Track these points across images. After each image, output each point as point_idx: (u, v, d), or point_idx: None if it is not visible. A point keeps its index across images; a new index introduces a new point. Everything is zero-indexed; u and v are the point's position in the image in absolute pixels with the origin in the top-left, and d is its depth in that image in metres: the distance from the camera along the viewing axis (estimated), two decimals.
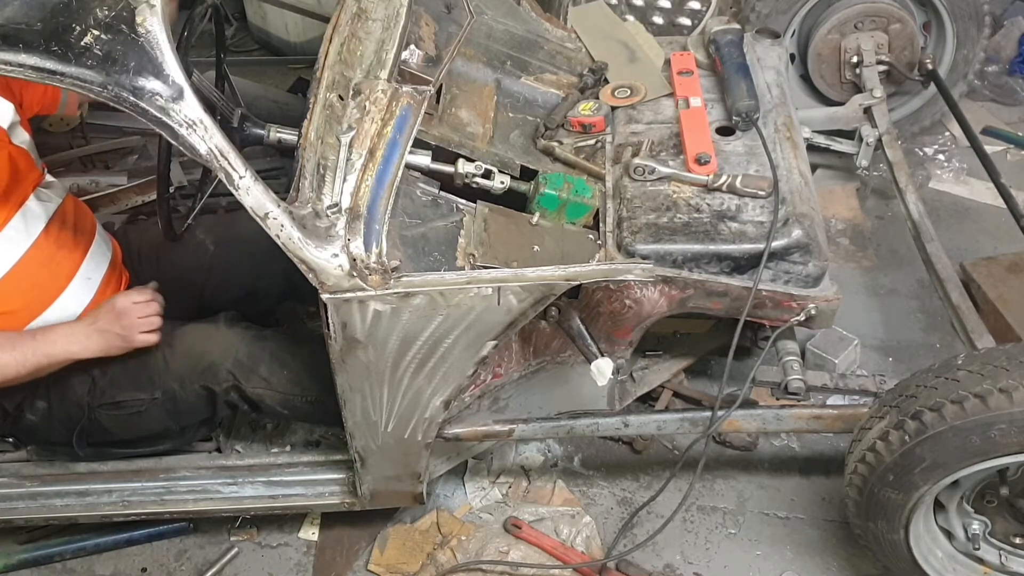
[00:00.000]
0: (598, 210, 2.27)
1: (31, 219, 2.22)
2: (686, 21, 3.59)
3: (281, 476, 2.49)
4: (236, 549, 2.63)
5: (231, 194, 1.86)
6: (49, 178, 2.38)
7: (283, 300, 2.71)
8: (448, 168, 2.20)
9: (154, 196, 2.72)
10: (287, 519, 2.70)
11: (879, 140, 3.04)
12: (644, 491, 2.70)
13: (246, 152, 1.94)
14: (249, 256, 2.54)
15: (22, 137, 2.30)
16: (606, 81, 2.61)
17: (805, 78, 3.51)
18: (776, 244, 2.11)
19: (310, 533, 2.68)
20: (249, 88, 3.61)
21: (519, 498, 2.71)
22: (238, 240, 2.58)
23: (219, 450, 2.59)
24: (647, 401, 2.82)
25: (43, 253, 2.23)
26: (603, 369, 2.14)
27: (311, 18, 4.07)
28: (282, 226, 1.85)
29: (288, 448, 2.60)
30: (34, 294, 2.23)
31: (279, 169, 3.48)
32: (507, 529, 2.59)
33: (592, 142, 2.46)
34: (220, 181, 1.86)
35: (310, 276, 1.89)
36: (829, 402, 2.74)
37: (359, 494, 2.41)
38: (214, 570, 2.59)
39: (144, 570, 2.62)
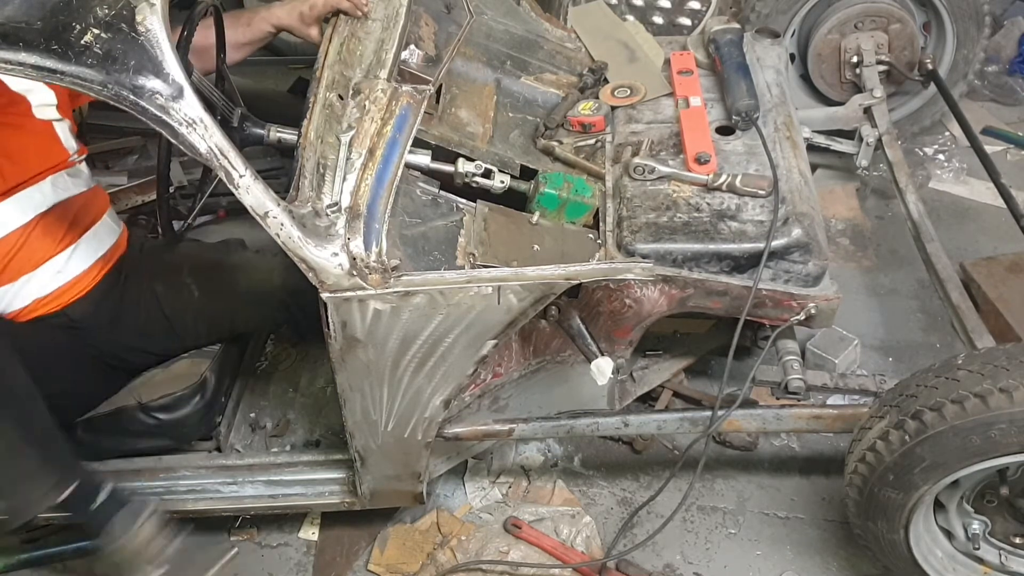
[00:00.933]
0: (598, 209, 2.27)
1: (38, 198, 2.26)
2: (686, 21, 3.60)
3: (281, 476, 2.48)
4: (235, 549, 2.62)
5: (231, 194, 1.86)
6: (80, 167, 2.41)
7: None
8: (448, 167, 2.20)
9: (154, 196, 2.72)
10: (287, 519, 2.70)
11: (879, 140, 3.04)
12: (644, 491, 2.70)
13: (246, 152, 1.94)
14: (232, 309, 2.52)
15: (51, 116, 2.33)
16: (606, 81, 2.61)
17: (805, 78, 3.52)
18: (776, 243, 2.11)
19: (310, 533, 2.68)
20: (249, 88, 3.60)
21: (519, 498, 2.71)
22: (224, 291, 2.52)
23: (219, 449, 2.59)
24: (647, 401, 2.82)
25: (27, 233, 2.25)
26: (603, 368, 2.14)
27: None
28: (282, 225, 1.85)
29: (288, 448, 2.60)
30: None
31: (279, 169, 3.49)
32: (507, 529, 2.59)
33: (592, 142, 2.46)
34: (220, 180, 1.87)
35: (310, 275, 1.90)
36: (829, 402, 2.75)
37: (359, 494, 2.40)
38: (214, 570, 2.58)
39: None
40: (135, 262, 2.52)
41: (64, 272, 2.34)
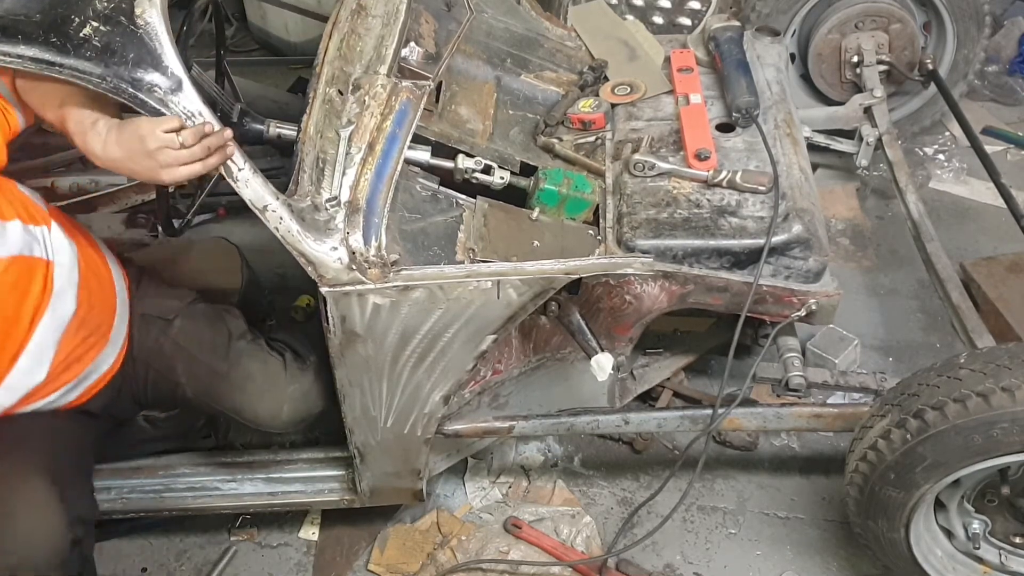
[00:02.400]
0: (598, 206, 2.26)
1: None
2: (686, 21, 3.59)
3: (280, 473, 2.48)
4: (235, 548, 2.62)
5: (230, 192, 1.86)
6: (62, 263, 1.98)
7: None
8: (448, 164, 2.20)
9: (153, 196, 2.72)
10: (287, 519, 2.69)
11: (879, 140, 3.04)
12: (644, 491, 2.69)
13: (246, 151, 1.94)
14: None
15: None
16: (606, 79, 2.61)
17: (805, 78, 3.52)
18: (776, 239, 2.11)
19: (310, 533, 2.67)
20: (249, 87, 3.61)
21: (519, 498, 2.70)
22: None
23: (218, 447, 2.59)
24: (647, 401, 2.81)
25: None
26: (603, 364, 2.13)
27: (311, 18, 4.08)
28: (281, 218, 1.86)
29: (287, 445, 2.59)
30: None
31: (279, 168, 3.48)
32: (507, 529, 2.58)
33: (592, 139, 2.45)
34: (220, 179, 1.86)
35: (309, 269, 1.90)
36: (830, 400, 2.74)
37: (359, 491, 2.40)
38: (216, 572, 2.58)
39: (144, 570, 2.61)
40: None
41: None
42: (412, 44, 2.32)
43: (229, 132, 1.82)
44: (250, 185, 1.84)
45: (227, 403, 2.23)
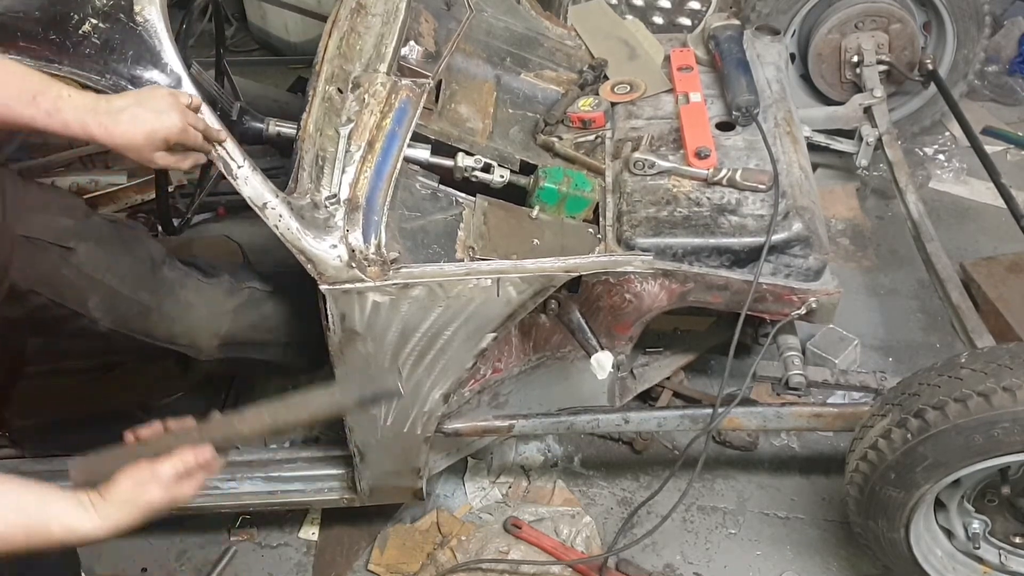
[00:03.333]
0: (598, 204, 2.26)
1: None
2: (686, 21, 3.60)
3: (280, 472, 2.47)
4: (235, 549, 2.62)
5: (230, 192, 1.86)
6: None
7: None
8: (447, 162, 2.20)
9: (153, 195, 2.72)
10: (287, 519, 2.68)
11: (879, 140, 3.04)
12: (644, 491, 2.69)
13: (245, 150, 1.93)
14: None
15: None
16: (606, 77, 2.61)
17: (805, 78, 3.52)
18: (776, 237, 2.11)
19: (310, 533, 2.66)
20: (249, 87, 3.61)
21: (519, 498, 2.70)
22: None
23: None
24: (647, 401, 2.81)
25: None
26: (603, 362, 2.13)
27: (311, 18, 4.08)
28: (280, 216, 1.85)
29: (287, 444, 2.59)
30: None
31: (279, 168, 3.48)
32: (507, 529, 2.58)
33: (592, 138, 2.45)
34: (219, 179, 1.86)
35: (309, 267, 1.89)
36: (830, 400, 2.74)
37: (358, 490, 2.39)
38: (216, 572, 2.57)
39: (144, 570, 2.60)
40: None
41: None
42: (412, 43, 2.32)
43: (226, 133, 1.81)
44: (249, 183, 1.84)
45: (159, 335, 2.06)
